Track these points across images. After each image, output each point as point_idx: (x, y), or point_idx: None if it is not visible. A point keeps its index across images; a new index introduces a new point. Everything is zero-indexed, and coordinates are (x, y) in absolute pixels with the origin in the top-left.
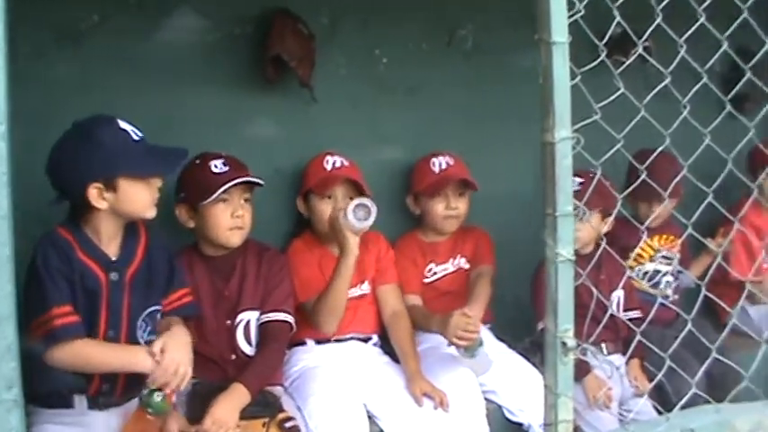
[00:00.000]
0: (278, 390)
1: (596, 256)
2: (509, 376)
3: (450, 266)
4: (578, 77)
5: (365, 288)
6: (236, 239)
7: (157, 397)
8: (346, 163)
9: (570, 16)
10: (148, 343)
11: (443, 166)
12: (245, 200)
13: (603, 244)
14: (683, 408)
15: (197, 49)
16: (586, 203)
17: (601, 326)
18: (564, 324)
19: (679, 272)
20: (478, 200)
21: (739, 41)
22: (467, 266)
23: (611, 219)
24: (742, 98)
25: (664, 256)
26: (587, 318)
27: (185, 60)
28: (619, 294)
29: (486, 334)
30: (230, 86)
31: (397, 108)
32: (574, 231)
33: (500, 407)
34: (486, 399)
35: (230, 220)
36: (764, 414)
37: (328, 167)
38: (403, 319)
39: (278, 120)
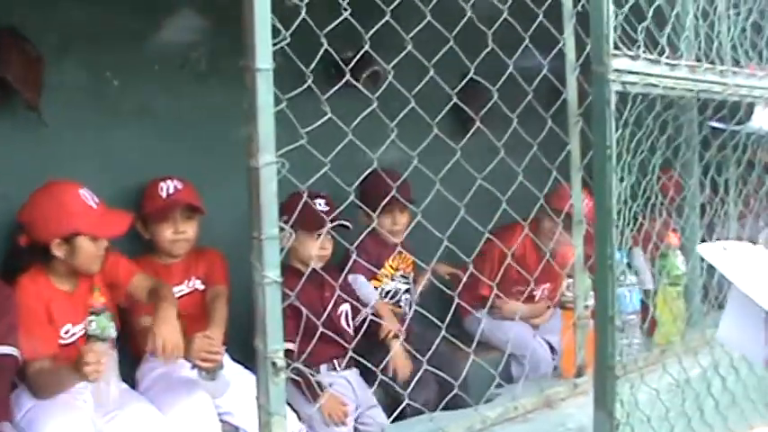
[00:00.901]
0: (4, 426)
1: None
2: (244, 397)
3: (185, 288)
4: (284, 103)
5: None
6: None
7: None
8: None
9: (275, 44)
10: None
11: (171, 191)
12: None
13: (313, 264)
14: (415, 416)
15: None
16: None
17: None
18: (273, 344)
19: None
20: (211, 222)
21: (465, 68)
22: (202, 287)
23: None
24: (467, 120)
25: (402, 275)
26: (315, 336)
27: None
28: (346, 308)
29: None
30: None
31: (129, 131)
32: (278, 254)
33: (237, 428)
34: (222, 420)
35: None
36: (475, 419)
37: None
38: None
39: (5, 143)
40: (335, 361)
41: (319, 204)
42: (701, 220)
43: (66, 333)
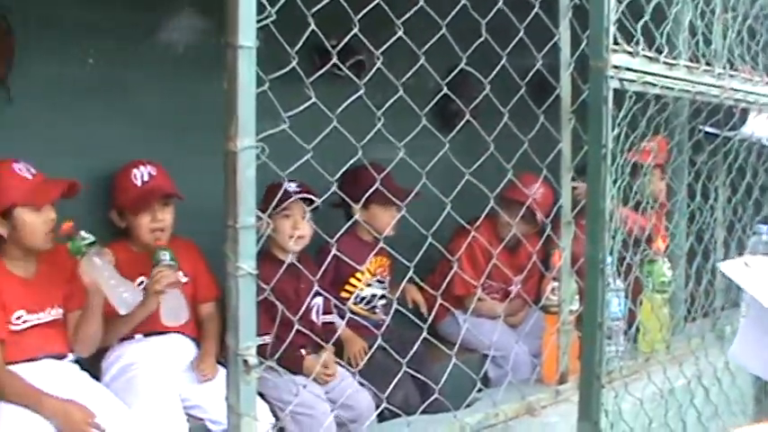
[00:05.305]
0: None
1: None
2: (212, 389)
3: None
4: (267, 84)
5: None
6: None
7: None
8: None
9: (260, 20)
10: None
11: (146, 178)
12: None
13: (291, 258)
14: (395, 416)
15: None
16: None
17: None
18: (246, 341)
19: None
20: (182, 210)
21: (454, 60)
22: (185, 279)
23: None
24: (453, 114)
25: (378, 281)
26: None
27: None
28: (318, 302)
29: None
30: None
31: (102, 112)
32: (254, 245)
33: (211, 421)
34: (188, 414)
35: None
36: (454, 425)
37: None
38: None
39: None
40: (302, 350)
41: (291, 186)
42: (690, 227)
43: (18, 319)
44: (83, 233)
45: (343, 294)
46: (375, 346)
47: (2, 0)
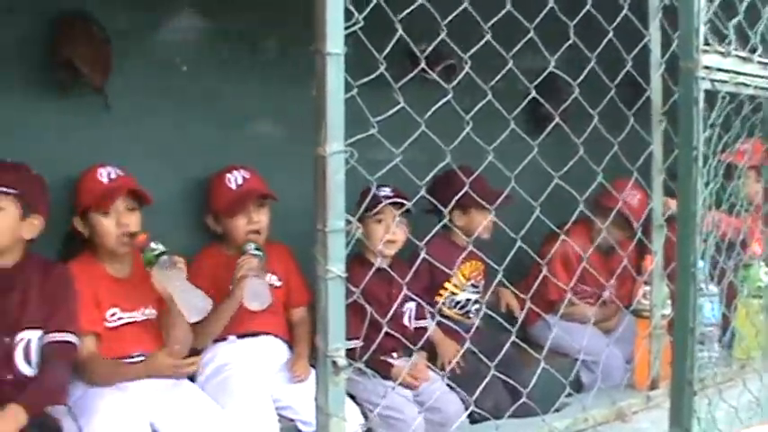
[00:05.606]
0: (59, 410)
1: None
2: (304, 391)
3: None
4: (355, 90)
5: None
6: None
7: None
8: (121, 173)
9: (347, 27)
10: None
11: (240, 182)
12: None
13: (380, 262)
14: (484, 419)
15: None
16: None
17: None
18: (335, 343)
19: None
20: (275, 216)
21: (547, 64)
22: (279, 284)
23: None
24: (544, 118)
25: (473, 285)
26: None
27: None
28: (411, 307)
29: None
30: (21, 91)
31: (196, 118)
32: (344, 248)
33: (302, 422)
34: (280, 415)
35: None
36: (542, 429)
37: (104, 180)
38: None
39: (69, 126)
40: (394, 354)
41: (384, 191)
42: None
43: (113, 316)
44: (152, 244)
45: (438, 299)
46: (464, 349)
47: (98, 10)
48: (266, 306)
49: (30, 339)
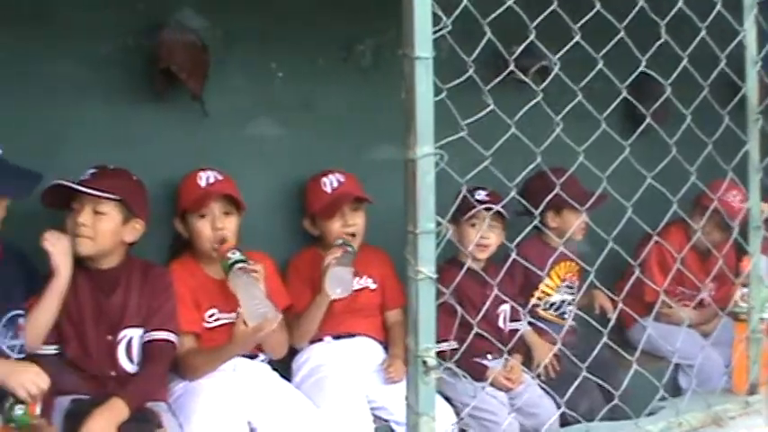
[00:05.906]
0: (161, 406)
1: (462, 272)
2: (398, 392)
3: (355, 284)
4: (444, 93)
5: None
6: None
7: (19, 410)
8: (220, 177)
9: (436, 31)
10: (11, 348)
11: (335, 185)
12: (96, 212)
13: (472, 263)
14: (578, 422)
15: (88, 61)
16: None
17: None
18: (425, 343)
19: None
20: (377, 219)
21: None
22: (374, 286)
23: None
24: (642, 118)
25: (567, 286)
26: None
27: (75, 72)
28: (505, 309)
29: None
30: (122, 99)
31: (291, 123)
32: (434, 249)
33: (396, 422)
34: (375, 415)
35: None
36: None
37: (202, 184)
38: None
39: (169, 132)
40: (489, 356)
41: (480, 195)
42: None
43: (211, 317)
44: (229, 253)
45: (533, 301)
46: (556, 350)
47: (195, 19)
48: (347, 294)
49: (131, 337)
